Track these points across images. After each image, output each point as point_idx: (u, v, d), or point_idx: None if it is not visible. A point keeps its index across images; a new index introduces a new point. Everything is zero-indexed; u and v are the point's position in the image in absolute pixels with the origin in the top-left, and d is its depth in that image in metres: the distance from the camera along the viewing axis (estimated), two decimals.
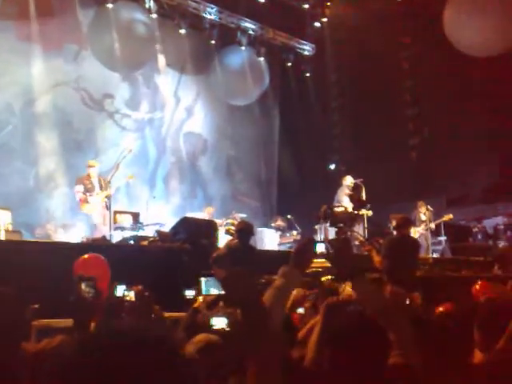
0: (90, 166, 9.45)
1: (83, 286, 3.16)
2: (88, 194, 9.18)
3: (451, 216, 11.06)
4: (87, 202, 9.17)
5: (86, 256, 5.54)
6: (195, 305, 4.01)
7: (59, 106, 11.52)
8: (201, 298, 4.00)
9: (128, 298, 3.42)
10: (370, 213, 10.34)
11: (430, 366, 2.19)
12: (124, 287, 3.68)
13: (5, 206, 8.00)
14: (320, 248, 2.30)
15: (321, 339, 2.12)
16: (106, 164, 10.35)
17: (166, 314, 4.27)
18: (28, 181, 10.95)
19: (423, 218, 11.16)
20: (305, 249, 2.32)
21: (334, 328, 2.01)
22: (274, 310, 2.05)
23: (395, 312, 2.17)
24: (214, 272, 4.80)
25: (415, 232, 10.70)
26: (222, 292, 2.90)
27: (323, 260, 2.36)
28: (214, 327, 2.58)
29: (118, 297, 3.62)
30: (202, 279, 4.04)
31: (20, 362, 2.31)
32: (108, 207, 9.07)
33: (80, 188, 9.29)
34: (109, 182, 9.19)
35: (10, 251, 6.15)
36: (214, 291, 4.06)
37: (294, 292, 3.60)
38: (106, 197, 9.08)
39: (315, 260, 2.34)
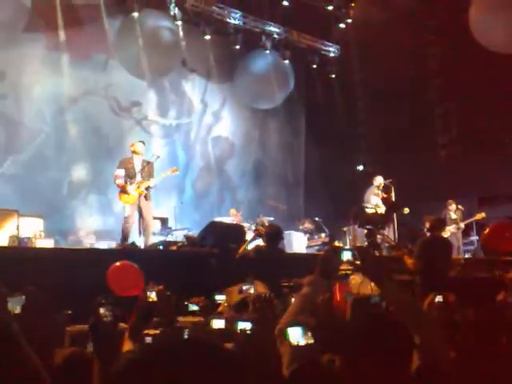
0: (132, 146, 8.67)
1: (102, 310, 3.21)
2: (128, 180, 8.37)
3: (484, 214, 10.84)
4: (127, 192, 8.34)
5: (118, 264, 5.43)
6: (220, 308, 4.03)
7: (89, 114, 11.75)
8: (225, 302, 4.02)
9: (150, 299, 3.47)
10: (407, 210, 10.18)
11: (461, 365, 2.17)
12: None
13: (38, 213, 8.16)
14: (346, 255, 2.31)
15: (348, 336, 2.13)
16: None
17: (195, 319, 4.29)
18: (61, 188, 11.18)
19: (454, 216, 10.99)
20: (330, 257, 2.33)
21: (359, 326, 2.02)
22: (300, 316, 2.08)
23: (424, 316, 2.17)
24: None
25: (446, 231, 10.55)
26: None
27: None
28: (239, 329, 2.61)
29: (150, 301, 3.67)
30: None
31: (51, 369, 2.37)
32: (148, 198, 8.41)
33: (121, 172, 8.46)
34: (150, 168, 8.53)
35: (42, 258, 6.27)
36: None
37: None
38: (146, 188, 8.38)
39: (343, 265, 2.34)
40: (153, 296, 3.43)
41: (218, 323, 3.21)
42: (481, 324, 2.73)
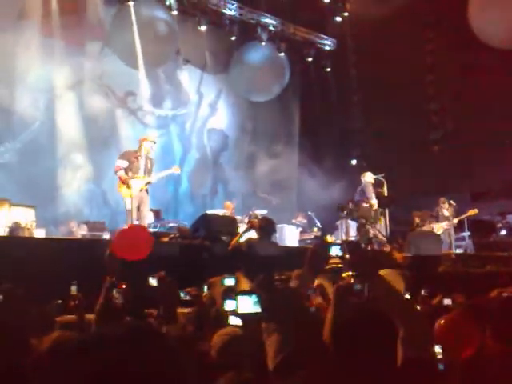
0: (144, 140, 8.61)
1: (114, 292, 3.20)
2: (130, 173, 8.41)
3: (476, 211, 10.88)
4: (128, 185, 8.34)
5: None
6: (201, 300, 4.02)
7: (84, 103, 11.68)
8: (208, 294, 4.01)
9: (153, 283, 3.45)
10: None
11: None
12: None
13: (32, 202, 8.12)
14: (334, 250, 2.32)
15: (332, 325, 2.15)
16: None
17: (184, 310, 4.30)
18: (55, 177, 11.10)
19: (446, 213, 11.03)
20: (318, 252, 2.35)
21: (342, 317, 2.04)
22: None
23: (410, 309, 2.19)
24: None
25: (439, 228, 10.60)
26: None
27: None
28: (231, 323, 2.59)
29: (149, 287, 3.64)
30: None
31: (28, 358, 2.38)
32: (148, 192, 8.58)
33: (123, 163, 8.44)
34: (152, 164, 8.62)
35: (30, 248, 6.24)
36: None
37: None
38: (147, 184, 8.56)
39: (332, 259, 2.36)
40: (154, 282, 3.39)
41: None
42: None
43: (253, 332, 2.47)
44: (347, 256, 2.34)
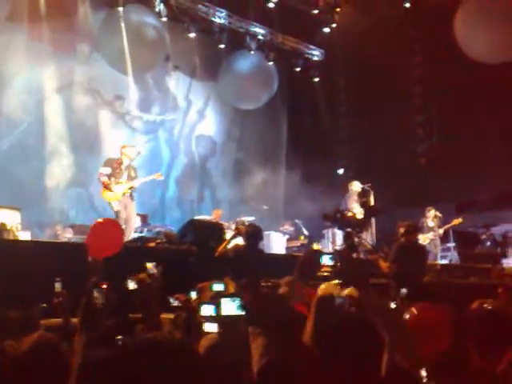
0: (123, 147, 8.85)
1: (95, 292, 3.17)
2: (113, 179, 8.59)
3: (461, 220, 10.98)
4: (111, 190, 8.55)
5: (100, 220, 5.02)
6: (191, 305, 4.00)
7: (71, 106, 11.63)
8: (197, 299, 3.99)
9: (131, 288, 3.37)
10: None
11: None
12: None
13: (18, 204, 8.02)
14: (325, 259, 2.32)
15: (313, 333, 2.14)
16: None
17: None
18: (41, 179, 11.01)
19: (431, 224, 11.11)
20: (309, 260, 2.36)
21: (324, 324, 2.03)
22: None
23: (396, 318, 2.19)
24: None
25: (425, 239, 10.67)
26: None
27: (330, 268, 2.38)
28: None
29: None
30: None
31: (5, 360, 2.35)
32: (132, 198, 8.71)
33: (106, 170, 8.64)
34: (135, 173, 8.77)
35: (14, 250, 6.17)
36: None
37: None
38: (130, 188, 8.68)
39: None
40: (132, 285, 3.32)
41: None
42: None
43: (238, 335, 2.45)
44: (338, 265, 2.35)
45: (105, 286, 3.26)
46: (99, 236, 4.55)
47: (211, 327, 2.37)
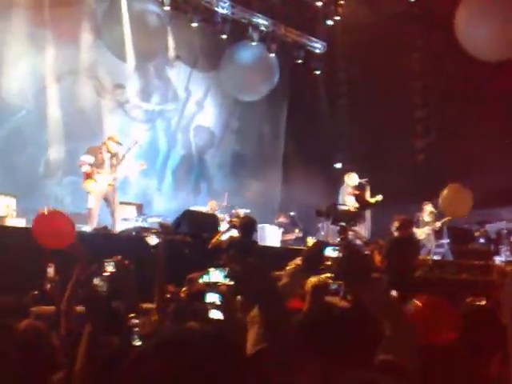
0: (109, 139, 8.71)
1: (96, 280, 3.10)
2: (96, 169, 8.47)
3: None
4: (94, 179, 8.41)
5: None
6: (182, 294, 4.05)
7: (71, 94, 11.64)
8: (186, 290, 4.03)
9: (109, 269, 3.21)
10: (380, 197, 10.29)
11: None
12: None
13: (13, 191, 8.07)
14: (329, 251, 2.33)
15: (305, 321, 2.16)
16: None
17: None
18: (38, 167, 11.06)
19: (427, 219, 11.15)
20: (315, 252, 2.36)
21: (317, 315, 2.05)
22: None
23: (398, 313, 2.18)
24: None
25: (421, 233, 10.71)
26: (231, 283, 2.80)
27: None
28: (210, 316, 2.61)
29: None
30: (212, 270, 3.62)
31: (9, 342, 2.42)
32: (115, 189, 8.65)
33: (89, 159, 8.50)
34: (121, 160, 8.65)
35: (10, 237, 6.22)
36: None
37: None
38: (114, 179, 8.64)
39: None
40: (110, 268, 3.15)
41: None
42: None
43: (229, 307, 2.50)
44: (341, 257, 2.33)
45: (108, 273, 3.16)
46: (50, 225, 4.36)
47: (216, 314, 2.43)
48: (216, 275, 2.28)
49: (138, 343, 2.69)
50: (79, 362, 2.53)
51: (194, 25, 12.87)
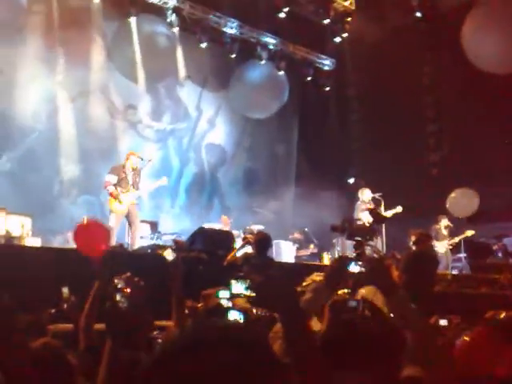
0: (131, 154, 8.73)
1: (117, 296, 3.07)
2: (120, 189, 8.47)
3: (473, 232, 10.94)
4: (119, 200, 8.43)
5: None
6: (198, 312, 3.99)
7: (84, 115, 11.74)
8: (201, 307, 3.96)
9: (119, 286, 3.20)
10: (400, 208, 10.24)
11: None
12: None
13: (29, 211, 8.10)
14: (353, 267, 2.27)
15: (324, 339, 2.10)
16: None
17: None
18: (53, 187, 11.12)
19: (445, 232, 11.02)
20: (338, 268, 2.30)
21: (334, 332, 1.99)
22: None
23: (424, 329, 2.13)
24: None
25: (442, 247, 10.61)
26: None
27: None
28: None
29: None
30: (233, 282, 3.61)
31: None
32: (137, 208, 8.72)
33: (113, 179, 8.50)
34: (139, 178, 8.67)
35: (25, 257, 6.21)
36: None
37: None
38: (137, 198, 8.74)
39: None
40: (120, 285, 3.10)
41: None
42: None
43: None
44: (365, 272, 2.27)
45: (128, 290, 3.12)
46: (87, 234, 4.40)
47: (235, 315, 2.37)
48: (238, 287, 2.23)
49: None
50: (101, 379, 2.46)
51: (203, 45, 12.98)
